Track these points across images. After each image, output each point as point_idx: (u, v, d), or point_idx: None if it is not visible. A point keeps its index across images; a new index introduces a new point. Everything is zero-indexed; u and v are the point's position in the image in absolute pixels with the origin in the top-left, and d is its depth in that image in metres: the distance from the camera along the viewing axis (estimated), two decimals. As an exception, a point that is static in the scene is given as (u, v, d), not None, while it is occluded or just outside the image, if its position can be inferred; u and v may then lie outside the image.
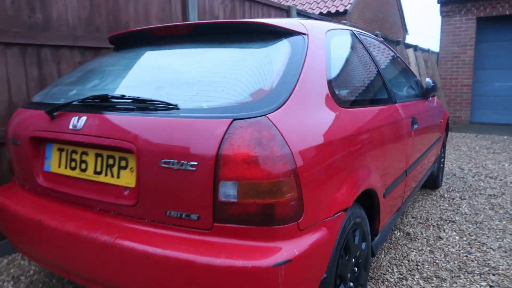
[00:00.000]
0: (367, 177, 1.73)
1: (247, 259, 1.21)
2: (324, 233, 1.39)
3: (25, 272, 2.35)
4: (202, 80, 1.49)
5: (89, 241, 1.41)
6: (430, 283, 2.21)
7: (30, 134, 1.70)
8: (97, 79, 1.78)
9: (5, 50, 2.41)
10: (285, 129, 1.31)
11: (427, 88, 3.13)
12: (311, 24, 1.88)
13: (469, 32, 8.98)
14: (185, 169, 1.28)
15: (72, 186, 1.61)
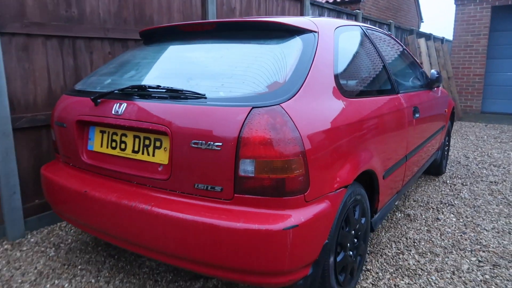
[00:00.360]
0: (367, 159, 1.96)
1: (261, 223, 1.47)
2: (327, 205, 1.64)
3: (64, 241, 2.67)
4: (225, 73, 1.74)
5: (129, 209, 1.69)
6: (424, 257, 2.45)
7: (76, 118, 1.97)
8: (133, 71, 2.04)
9: (46, 41, 2.68)
10: (295, 116, 1.55)
11: (431, 79, 3.32)
12: (321, 22, 2.10)
13: (484, 21, 8.98)
14: (211, 148, 1.53)
15: (113, 163, 1.88)
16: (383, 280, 2.19)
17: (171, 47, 2.17)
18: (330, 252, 1.72)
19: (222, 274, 1.58)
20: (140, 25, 3.30)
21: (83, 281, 2.16)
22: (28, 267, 2.32)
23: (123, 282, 2.15)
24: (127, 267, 2.31)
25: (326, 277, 1.75)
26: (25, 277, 2.21)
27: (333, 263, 1.77)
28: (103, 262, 2.37)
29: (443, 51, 8.27)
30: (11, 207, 2.56)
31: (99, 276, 2.21)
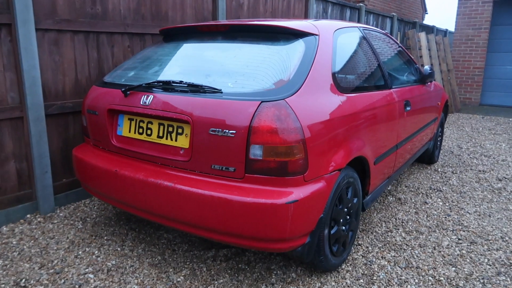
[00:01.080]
0: (359, 147, 2.26)
1: (268, 198, 1.78)
2: (323, 184, 1.94)
3: (89, 215, 2.99)
4: (238, 71, 2.03)
5: (155, 185, 2.00)
6: (410, 235, 2.77)
7: (107, 107, 2.27)
8: (156, 66, 2.33)
9: (73, 36, 2.97)
10: (297, 109, 1.85)
11: (424, 74, 3.59)
12: (322, 25, 2.38)
13: (485, 15, 9.16)
14: (227, 135, 1.83)
15: (140, 146, 2.19)
16: (372, 253, 2.50)
17: (189, 45, 2.45)
18: (325, 225, 2.03)
19: (234, 240, 1.90)
20: (156, 20, 3.57)
21: (110, 249, 2.49)
22: (60, 237, 2.64)
23: (145, 250, 2.48)
24: (147, 239, 2.63)
25: (321, 246, 2.06)
26: (60, 245, 2.54)
27: (327, 234, 2.08)
28: (126, 234, 2.69)
29: (444, 44, 8.48)
30: (43, 184, 2.89)
31: (124, 246, 2.53)
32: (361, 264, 2.37)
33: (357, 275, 2.25)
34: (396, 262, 2.39)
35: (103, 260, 2.36)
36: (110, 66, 3.25)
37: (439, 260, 2.43)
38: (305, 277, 2.21)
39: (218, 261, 2.36)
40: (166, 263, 2.34)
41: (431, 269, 2.33)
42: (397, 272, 2.29)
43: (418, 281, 2.21)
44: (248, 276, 2.21)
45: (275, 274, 2.23)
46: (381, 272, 2.29)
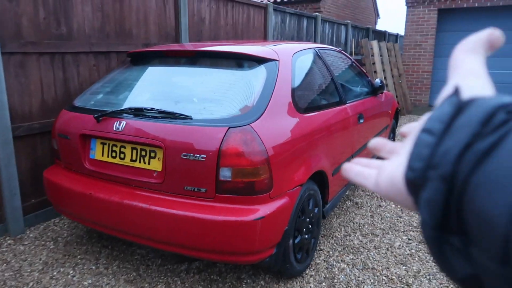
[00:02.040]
0: (318, 162, 2.49)
1: (237, 216, 1.96)
2: (287, 200, 2.15)
3: (60, 235, 3.04)
4: (206, 97, 2.19)
5: (131, 207, 2.12)
6: (366, 238, 3.04)
7: (80, 132, 2.36)
8: (126, 91, 2.44)
9: (39, 58, 3.00)
10: (262, 133, 2.04)
11: (375, 87, 3.89)
12: (281, 50, 2.58)
13: (431, 22, 9.80)
14: (198, 159, 1.99)
15: (113, 169, 2.29)
16: (333, 257, 2.74)
17: (157, 69, 2.58)
18: (289, 236, 2.24)
19: (206, 255, 2.06)
20: (121, 38, 3.64)
21: (85, 268, 2.57)
22: (33, 258, 2.69)
23: (120, 267, 2.58)
24: (121, 255, 2.73)
25: (287, 255, 2.26)
26: (33, 267, 2.58)
27: (292, 244, 2.29)
28: (99, 252, 2.78)
29: (395, 50, 9.01)
30: (13, 206, 2.90)
31: (98, 264, 2.62)
32: (323, 268, 2.60)
33: (320, 279, 2.48)
34: (354, 265, 2.65)
35: (79, 280, 2.44)
36: (76, 85, 3.30)
37: (391, 260, 2.71)
38: (273, 283, 2.41)
39: (191, 273, 2.51)
40: (141, 278, 2.46)
41: (384, 269, 2.60)
42: (355, 274, 2.53)
43: (374, 281, 2.47)
44: (220, 286, 2.38)
45: (245, 283, 2.41)
46: (341, 274, 2.53)
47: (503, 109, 0.28)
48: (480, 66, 0.34)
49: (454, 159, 0.28)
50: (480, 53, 0.35)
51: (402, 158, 0.33)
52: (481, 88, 0.32)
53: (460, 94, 0.31)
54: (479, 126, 0.28)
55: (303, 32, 7.13)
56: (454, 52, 0.36)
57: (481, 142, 0.27)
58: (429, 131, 0.30)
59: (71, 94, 3.26)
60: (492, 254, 0.25)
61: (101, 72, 3.49)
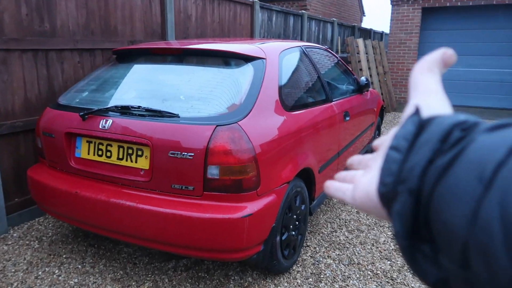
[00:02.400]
0: (305, 159, 2.51)
1: (225, 213, 1.97)
2: (274, 197, 2.16)
3: (45, 234, 3.00)
4: (194, 95, 2.19)
5: (118, 205, 2.11)
6: (352, 234, 3.08)
7: (65, 130, 2.33)
8: (112, 89, 2.42)
9: (22, 55, 2.95)
10: (249, 131, 2.05)
11: (361, 85, 3.94)
12: (268, 49, 2.59)
13: (415, 21, 9.93)
14: (185, 157, 1.99)
15: (99, 167, 2.27)
16: (319, 253, 2.78)
17: (143, 67, 2.56)
18: (277, 233, 2.26)
19: (194, 253, 2.06)
20: (106, 35, 3.60)
21: (70, 267, 2.55)
22: (17, 258, 2.65)
23: (106, 266, 2.56)
24: (107, 254, 2.71)
25: (274, 252, 2.28)
26: (17, 267, 2.55)
27: (279, 241, 2.31)
28: (85, 251, 2.75)
29: (380, 48, 9.11)
30: (-4, 206, 2.85)
31: (84, 263, 2.60)
32: (309, 264, 2.63)
33: (307, 274, 2.51)
34: (340, 260, 2.68)
35: (65, 279, 2.42)
36: (60, 82, 3.25)
37: (376, 256, 2.75)
38: (261, 280, 2.43)
39: (178, 271, 2.51)
40: (129, 277, 2.45)
41: (370, 264, 2.64)
42: (341, 269, 2.57)
43: (359, 276, 2.51)
44: (208, 284, 2.39)
45: (233, 280, 2.43)
46: (327, 270, 2.56)
47: (458, 127, 0.31)
48: (436, 84, 0.38)
49: (419, 174, 0.31)
50: (436, 71, 0.39)
51: (374, 172, 0.36)
52: (439, 106, 0.36)
53: (420, 113, 0.35)
54: (438, 143, 0.31)
55: (290, 29, 7.16)
56: (413, 72, 0.40)
57: (441, 158, 0.30)
58: (396, 148, 0.33)
59: (55, 92, 3.21)
60: (455, 259, 0.28)
61: (86, 69, 3.45)
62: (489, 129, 0.30)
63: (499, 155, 0.26)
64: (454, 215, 0.27)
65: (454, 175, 0.28)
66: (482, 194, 0.26)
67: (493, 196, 0.25)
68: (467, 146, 0.29)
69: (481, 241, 0.25)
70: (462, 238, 0.27)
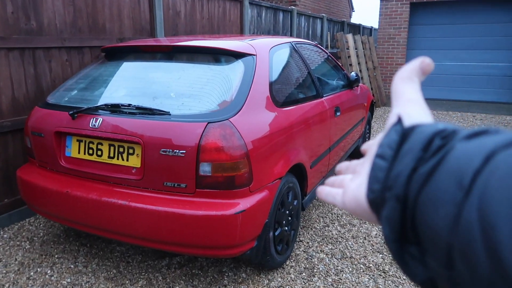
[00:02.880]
0: (297, 155, 2.52)
1: (218, 210, 1.97)
2: (266, 193, 2.17)
3: (36, 234, 2.97)
4: (184, 93, 2.18)
5: (110, 204, 2.10)
6: (344, 228, 3.11)
7: (54, 129, 2.30)
8: (102, 87, 2.40)
9: (8, 53, 2.90)
10: (241, 127, 2.05)
11: (351, 80, 3.96)
12: (258, 45, 2.59)
13: (404, 16, 9.99)
14: (177, 155, 1.99)
15: (90, 166, 2.26)
16: (312, 247, 2.79)
17: (132, 64, 2.54)
18: (270, 228, 2.27)
19: (188, 250, 2.06)
20: (94, 33, 3.56)
21: (63, 267, 2.53)
22: (8, 259, 2.62)
23: (99, 265, 2.55)
24: (100, 253, 2.70)
25: (267, 248, 2.30)
26: (8, 268, 2.52)
27: (272, 236, 2.32)
28: (77, 250, 2.74)
29: (369, 43, 9.15)
30: (-15, 207, 2.82)
31: (77, 262, 2.58)
32: (303, 259, 2.65)
33: (300, 269, 2.53)
34: (333, 254, 2.71)
35: (57, 279, 2.40)
36: (48, 81, 3.21)
37: (369, 249, 2.78)
38: (254, 276, 2.44)
39: (172, 269, 2.51)
40: (122, 275, 2.44)
41: (362, 258, 2.67)
42: (334, 263, 2.60)
43: (352, 269, 2.53)
44: (202, 281, 2.39)
45: (227, 276, 2.43)
46: (320, 264, 2.58)
47: (438, 135, 0.33)
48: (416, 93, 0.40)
49: (404, 181, 0.32)
50: (415, 80, 0.41)
51: (362, 178, 0.39)
52: (420, 115, 0.38)
53: (403, 122, 0.37)
54: (420, 152, 0.33)
55: (279, 26, 7.15)
56: (393, 81, 0.42)
57: (424, 166, 0.32)
58: (382, 157, 0.35)
59: (44, 91, 3.18)
60: (440, 260, 0.30)
61: (74, 67, 3.41)
62: (466, 137, 0.32)
63: (476, 163, 0.28)
64: (437, 219, 0.29)
65: (436, 182, 0.30)
66: (462, 200, 0.28)
67: (472, 202, 0.27)
68: (447, 154, 0.31)
69: (463, 243, 0.27)
70: (445, 241, 0.28)
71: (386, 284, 2.39)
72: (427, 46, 10.16)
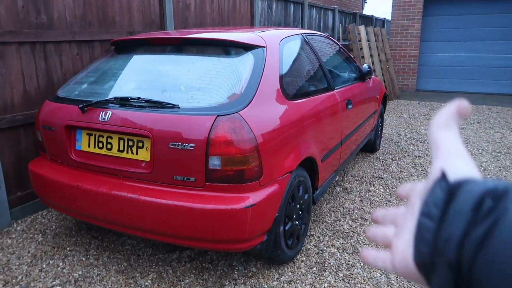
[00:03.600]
0: (308, 149, 2.48)
1: (228, 204, 1.95)
2: (277, 187, 2.14)
3: (48, 227, 3.00)
4: (193, 86, 2.15)
5: (120, 197, 2.10)
6: (356, 223, 3.07)
7: (64, 123, 2.31)
8: (111, 81, 2.39)
9: (19, 47, 2.92)
10: (250, 120, 2.02)
11: (363, 72, 3.89)
12: (268, 37, 2.55)
13: (417, 6, 9.80)
14: (186, 148, 1.97)
15: (100, 160, 2.26)
16: (323, 242, 2.77)
17: (142, 57, 2.53)
18: (280, 223, 2.24)
19: (197, 244, 2.05)
20: (104, 26, 3.56)
21: (74, 259, 2.55)
22: (21, 251, 2.65)
23: (110, 258, 2.56)
24: (111, 246, 2.71)
25: (278, 242, 2.27)
26: (21, 260, 2.55)
27: (282, 231, 2.30)
28: (88, 243, 2.75)
29: (382, 35, 9.00)
30: (-2, 200, 2.85)
31: (88, 255, 2.60)
32: (313, 253, 2.62)
33: (311, 263, 2.50)
34: (344, 249, 2.67)
35: (69, 272, 2.42)
36: (59, 75, 3.22)
37: (381, 244, 2.74)
38: (265, 270, 2.43)
39: (182, 262, 2.51)
40: (133, 268, 2.45)
41: (374, 253, 2.63)
42: (345, 258, 2.56)
43: (363, 264, 2.50)
44: (212, 274, 2.38)
45: (237, 270, 2.42)
46: (331, 259, 2.55)
47: (489, 196, 0.31)
48: (457, 143, 0.38)
49: (455, 247, 0.31)
50: (453, 126, 0.39)
51: (407, 235, 0.37)
52: (465, 169, 0.36)
53: (448, 178, 0.35)
54: (471, 213, 0.31)
55: (290, 18, 7.07)
56: (430, 130, 0.40)
57: (476, 230, 0.30)
58: (428, 216, 0.34)
59: (54, 85, 3.19)
60: None
61: (84, 61, 3.42)
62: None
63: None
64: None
65: (492, 249, 0.28)
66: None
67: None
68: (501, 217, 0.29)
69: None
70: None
71: (399, 280, 2.35)
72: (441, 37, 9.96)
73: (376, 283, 2.32)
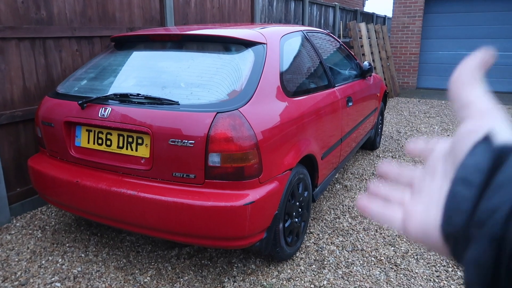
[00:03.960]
0: (308, 146, 2.48)
1: (227, 201, 1.95)
2: (276, 184, 2.14)
3: (48, 223, 3.00)
4: (193, 82, 2.15)
5: (119, 194, 2.09)
6: (355, 220, 3.06)
7: (63, 119, 2.30)
8: (111, 77, 2.38)
9: (19, 43, 2.90)
10: (250, 117, 2.01)
11: (364, 70, 3.88)
12: (269, 33, 2.54)
13: (418, 4, 9.77)
14: (186, 145, 1.96)
15: (99, 156, 2.25)
16: (323, 239, 2.76)
17: (142, 54, 2.52)
18: (279, 220, 2.24)
19: (197, 241, 2.05)
20: (103, 22, 3.55)
21: (74, 256, 2.55)
22: (20, 247, 2.65)
23: (109, 254, 2.56)
24: (110, 242, 2.71)
25: (277, 239, 2.27)
26: (21, 256, 2.55)
27: (282, 228, 2.29)
28: (88, 239, 2.75)
29: (383, 33, 8.97)
30: (-3, 196, 2.85)
31: (87, 251, 2.60)
32: (313, 251, 2.62)
33: (310, 261, 2.50)
34: (344, 246, 2.67)
35: (68, 268, 2.42)
36: (59, 71, 3.21)
37: (380, 242, 2.74)
38: (264, 267, 2.43)
39: (182, 259, 2.51)
40: (132, 265, 2.45)
41: (373, 250, 2.63)
42: (345, 256, 2.56)
43: (363, 262, 2.50)
44: (211, 271, 2.38)
45: (236, 267, 2.42)
46: (330, 256, 2.55)
47: None
48: (489, 100, 0.33)
49: (503, 220, 0.26)
50: (479, 82, 0.34)
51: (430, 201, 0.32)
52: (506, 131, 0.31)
53: (492, 141, 0.30)
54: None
55: (291, 15, 7.05)
56: (453, 87, 0.35)
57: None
58: (467, 182, 0.29)
59: (54, 80, 3.18)
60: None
61: (84, 57, 3.41)
62: None
63: None
64: None
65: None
66: None
67: None
68: None
69: None
70: None
71: (398, 278, 2.35)
72: (442, 35, 9.93)
73: (375, 281, 2.32)
